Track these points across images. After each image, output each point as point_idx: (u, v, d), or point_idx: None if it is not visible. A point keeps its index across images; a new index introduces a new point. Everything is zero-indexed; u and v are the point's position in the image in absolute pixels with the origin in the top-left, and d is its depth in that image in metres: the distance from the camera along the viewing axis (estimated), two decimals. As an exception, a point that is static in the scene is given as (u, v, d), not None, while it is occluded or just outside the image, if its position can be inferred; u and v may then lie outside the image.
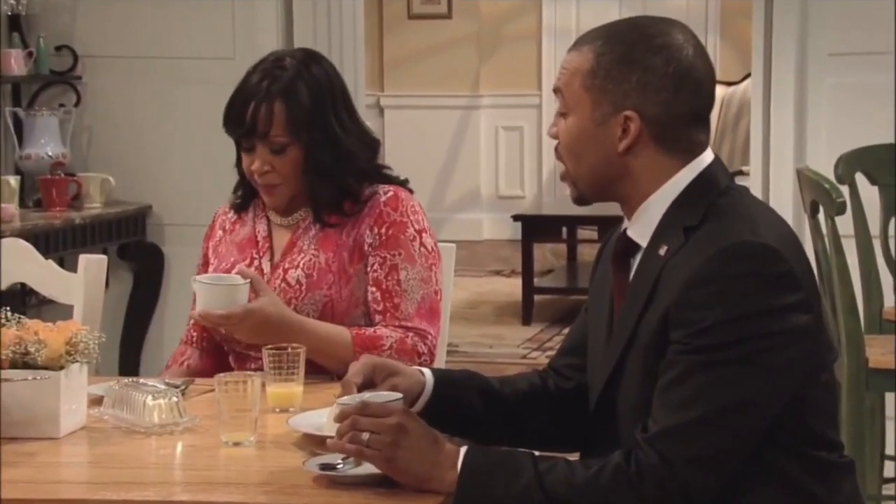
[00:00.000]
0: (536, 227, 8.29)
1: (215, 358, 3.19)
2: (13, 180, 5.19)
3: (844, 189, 4.00)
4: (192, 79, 5.41)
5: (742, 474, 2.24)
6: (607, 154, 2.33)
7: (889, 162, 4.30)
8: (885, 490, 4.31)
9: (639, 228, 2.35)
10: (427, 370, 2.51)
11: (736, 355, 2.19)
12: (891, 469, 4.37)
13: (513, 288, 8.43)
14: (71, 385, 2.58)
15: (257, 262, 3.15)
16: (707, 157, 2.35)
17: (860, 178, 4.25)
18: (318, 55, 3.21)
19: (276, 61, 3.12)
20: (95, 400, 2.72)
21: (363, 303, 3.09)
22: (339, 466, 2.28)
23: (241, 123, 3.08)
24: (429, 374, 2.49)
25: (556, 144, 2.39)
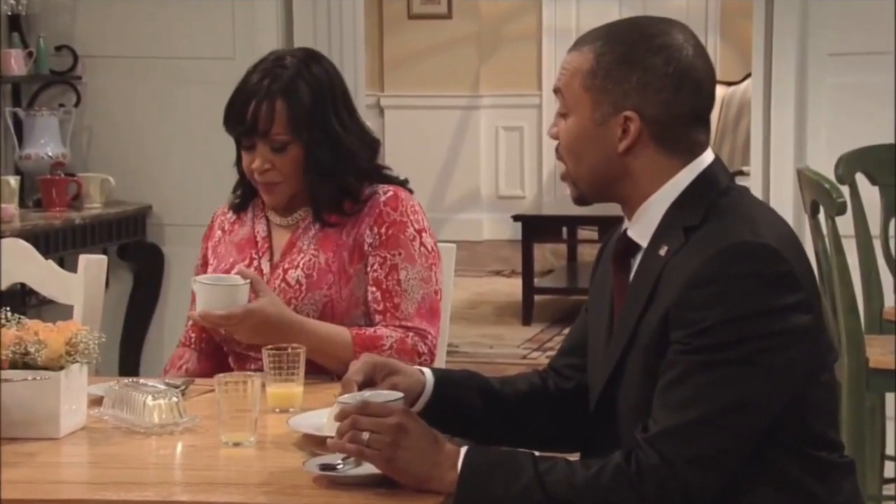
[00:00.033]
0: (536, 228, 8.29)
1: (214, 361, 3.18)
2: (13, 180, 5.19)
3: (845, 189, 4.00)
4: (192, 79, 5.41)
5: (742, 474, 2.24)
6: (607, 154, 2.33)
7: (889, 162, 4.30)
8: (886, 490, 4.30)
9: (639, 229, 2.35)
10: (427, 370, 2.51)
11: (736, 355, 2.19)
12: (891, 469, 4.37)
13: (513, 288, 8.43)
14: (71, 385, 2.58)
15: (256, 263, 3.15)
16: (707, 157, 2.35)
17: (860, 178, 4.25)
18: (318, 54, 3.21)
19: (277, 60, 3.12)
20: (95, 400, 2.72)
21: (363, 303, 3.09)
22: (340, 467, 2.28)
23: (241, 122, 3.08)
24: (429, 374, 2.49)
25: (556, 145, 2.39)
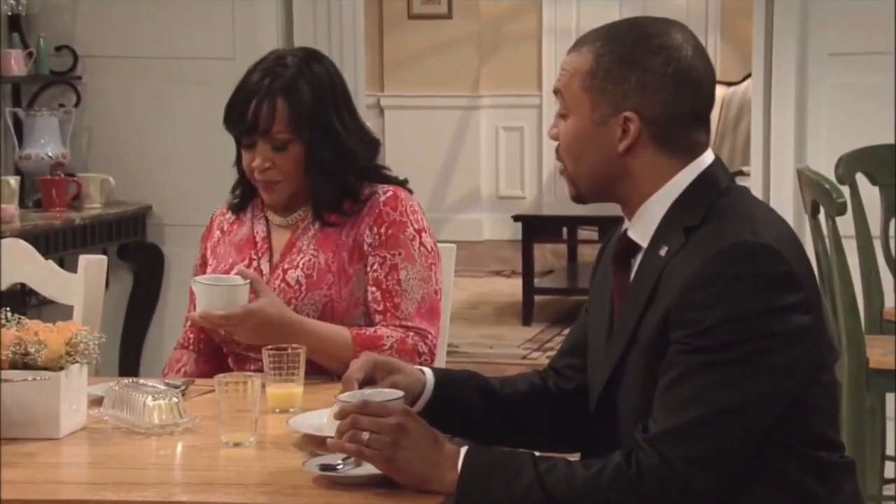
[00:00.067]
0: (537, 228, 8.29)
1: (212, 363, 3.17)
2: (13, 181, 5.19)
3: (845, 189, 4.00)
4: (192, 79, 5.41)
5: (742, 475, 2.24)
6: (607, 155, 2.33)
7: (889, 162, 4.29)
8: (886, 490, 4.30)
9: (639, 229, 2.35)
10: (427, 370, 2.51)
11: (736, 356, 2.19)
12: (891, 469, 4.37)
13: (513, 288, 8.43)
14: (71, 385, 2.57)
15: (256, 263, 3.15)
16: (707, 157, 2.35)
17: (861, 179, 4.25)
18: (319, 54, 3.21)
19: (278, 59, 3.12)
20: (95, 400, 2.72)
21: (363, 303, 3.09)
22: (340, 467, 2.28)
23: (242, 120, 3.08)
24: (429, 374, 2.49)
25: (556, 146, 2.39)
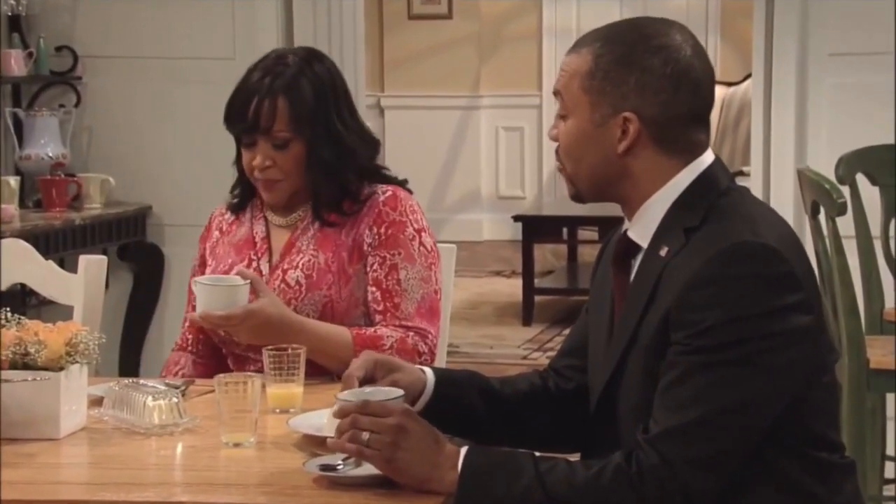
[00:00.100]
0: (537, 228, 8.29)
1: (210, 365, 3.16)
2: (13, 181, 5.19)
3: (845, 189, 3.99)
4: (192, 79, 5.41)
5: (743, 475, 2.24)
6: (607, 155, 2.33)
7: (890, 162, 4.29)
8: (886, 491, 4.30)
9: (639, 229, 2.35)
10: (428, 369, 2.51)
11: (736, 356, 2.19)
12: (891, 470, 4.37)
13: (513, 288, 8.43)
14: (71, 386, 2.57)
15: (255, 264, 3.14)
16: (707, 157, 2.35)
17: (861, 179, 4.25)
18: (319, 53, 3.21)
19: (279, 58, 3.12)
20: (95, 401, 2.72)
21: (363, 303, 3.09)
22: (340, 467, 2.28)
23: (243, 119, 3.07)
24: (430, 374, 2.49)
25: (556, 146, 2.39)
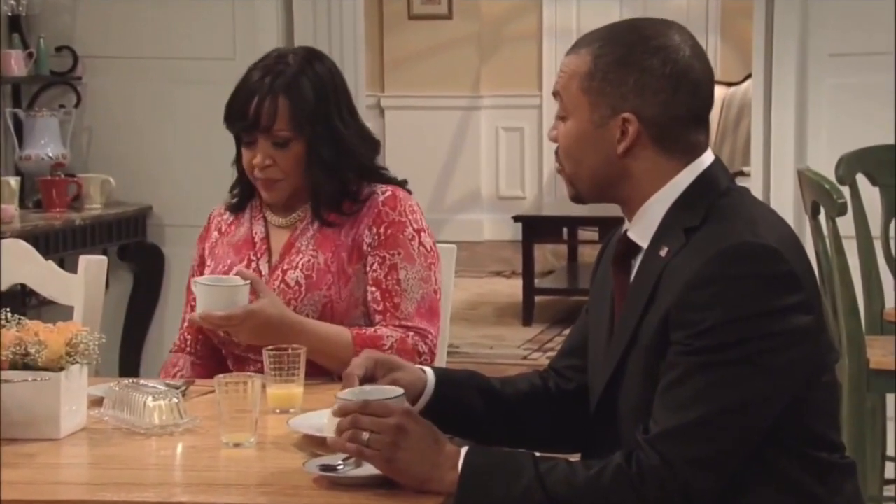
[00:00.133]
0: (537, 228, 8.29)
1: (208, 367, 3.16)
2: (13, 181, 5.19)
3: (845, 190, 3.99)
4: (193, 79, 5.41)
5: (743, 475, 2.24)
6: (607, 156, 2.33)
7: (890, 163, 4.29)
8: (886, 491, 4.30)
9: (639, 230, 2.35)
10: (428, 369, 2.51)
11: (736, 356, 2.19)
12: (892, 470, 4.37)
13: (513, 289, 8.43)
14: (71, 386, 2.57)
15: (255, 264, 3.14)
16: (707, 158, 2.35)
17: (861, 179, 4.25)
18: (320, 53, 3.21)
19: (279, 58, 3.13)
20: (95, 401, 2.72)
21: (363, 303, 3.09)
22: (340, 468, 2.28)
23: (243, 117, 3.07)
24: (430, 373, 2.49)
25: (556, 147, 2.39)
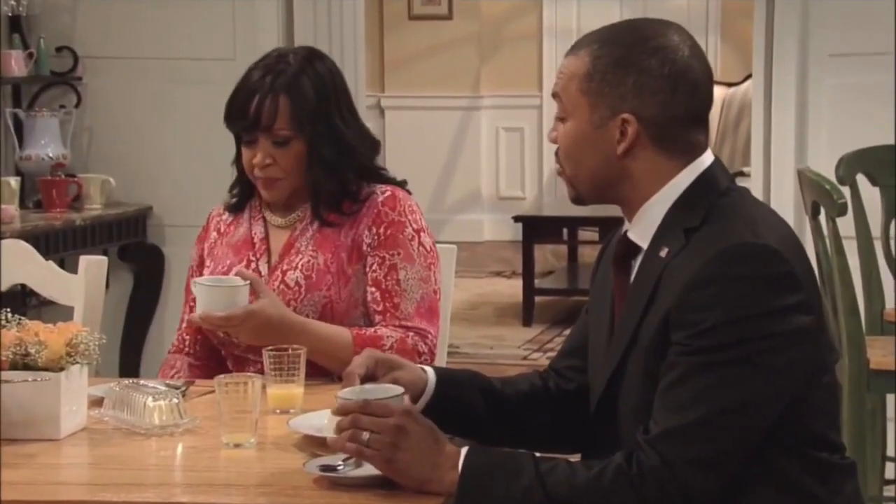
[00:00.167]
0: (537, 229, 8.29)
1: (206, 368, 3.15)
2: (13, 181, 5.19)
3: (845, 190, 3.99)
4: (193, 79, 5.41)
5: (743, 475, 2.24)
6: (606, 157, 2.33)
7: (890, 163, 4.29)
8: (887, 492, 4.30)
9: (639, 230, 2.35)
10: (429, 368, 2.51)
11: (736, 356, 2.19)
12: (892, 470, 4.37)
13: (513, 289, 8.43)
14: (71, 386, 2.57)
15: (254, 265, 3.14)
16: (707, 158, 2.35)
17: (861, 179, 4.25)
18: (320, 53, 3.21)
19: (280, 57, 3.13)
20: (96, 401, 2.72)
21: (362, 303, 3.09)
22: (340, 468, 2.28)
23: (244, 116, 3.07)
24: (431, 373, 2.49)
25: (555, 149, 2.39)
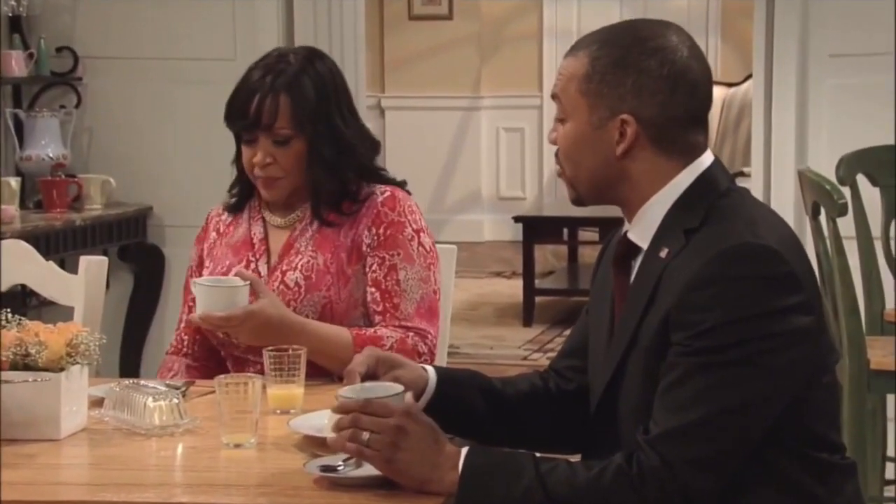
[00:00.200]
0: (537, 229, 8.29)
1: (205, 369, 3.15)
2: (14, 181, 5.19)
3: (846, 190, 3.99)
4: (193, 80, 5.41)
5: (743, 476, 2.24)
6: (606, 158, 2.33)
7: (890, 163, 4.29)
8: (887, 492, 4.30)
9: (639, 231, 2.35)
10: (430, 368, 2.51)
11: (736, 357, 2.19)
12: (892, 471, 4.37)
13: (514, 289, 8.43)
14: (71, 387, 2.57)
15: (254, 265, 3.14)
16: (707, 158, 2.35)
17: (861, 180, 4.25)
18: (320, 52, 3.21)
19: (280, 57, 3.13)
20: (96, 401, 2.72)
21: (362, 304, 3.09)
22: (340, 468, 2.28)
23: (244, 116, 3.07)
24: (432, 372, 2.49)
25: (555, 150, 2.39)
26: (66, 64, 5.56)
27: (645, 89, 2.29)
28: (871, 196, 4.29)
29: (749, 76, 7.95)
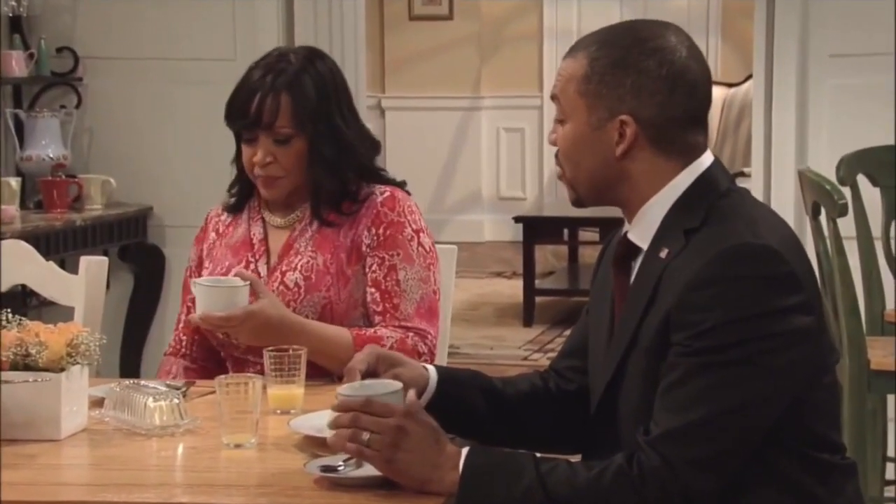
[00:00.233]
0: (538, 229, 8.29)
1: (203, 369, 3.15)
2: (14, 182, 5.19)
3: (846, 190, 3.99)
4: (193, 80, 5.41)
5: (743, 476, 2.24)
6: (605, 158, 2.33)
7: (890, 163, 4.29)
8: (887, 492, 4.30)
9: (639, 231, 2.35)
10: (431, 367, 2.51)
11: (737, 357, 2.19)
12: (892, 471, 4.37)
13: (514, 290, 8.43)
14: (72, 387, 2.57)
15: (253, 266, 3.14)
16: (706, 159, 2.35)
17: (862, 180, 4.25)
18: (321, 52, 3.21)
19: (280, 57, 3.13)
20: (96, 402, 2.72)
21: (362, 304, 3.09)
22: (341, 468, 2.28)
23: (244, 115, 3.07)
24: (433, 371, 2.49)
25: (555, 151, 2.39)
26: (66, 64, 5.56)
27: (644, 90, 2.29)
28: (872, 196, 4.29)
29: (749, 76, 7.95)
